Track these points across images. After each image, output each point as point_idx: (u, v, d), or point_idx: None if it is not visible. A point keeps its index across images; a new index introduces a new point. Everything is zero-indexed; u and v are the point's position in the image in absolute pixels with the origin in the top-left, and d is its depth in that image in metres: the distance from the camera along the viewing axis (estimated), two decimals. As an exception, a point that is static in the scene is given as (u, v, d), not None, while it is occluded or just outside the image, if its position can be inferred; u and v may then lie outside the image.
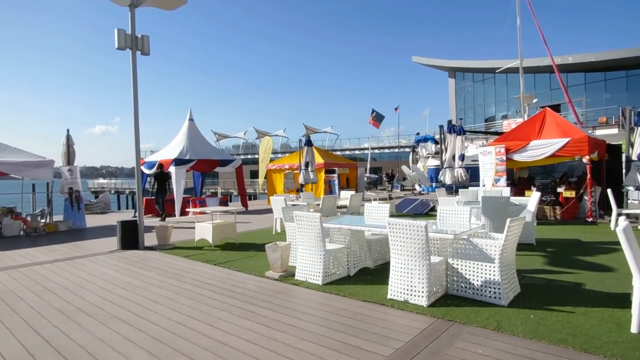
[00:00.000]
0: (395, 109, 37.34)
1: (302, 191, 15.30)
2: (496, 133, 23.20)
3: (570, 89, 27.00)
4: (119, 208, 37.96)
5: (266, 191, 29.32)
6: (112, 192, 42.39)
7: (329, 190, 18.78)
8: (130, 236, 7.91)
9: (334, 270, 5.43)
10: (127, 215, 15.68)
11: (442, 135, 19.76)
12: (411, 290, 4.38)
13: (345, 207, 11.12)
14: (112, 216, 15.64)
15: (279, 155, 48.15)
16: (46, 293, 5.06)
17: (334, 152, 32.59)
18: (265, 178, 21.66)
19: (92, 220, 13.03)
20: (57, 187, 12.12)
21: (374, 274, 5.67)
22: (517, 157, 11.23)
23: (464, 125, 20.68)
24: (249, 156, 50.49)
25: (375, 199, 13.53)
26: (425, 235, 4.23)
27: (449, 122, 19.24)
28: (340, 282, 5.26)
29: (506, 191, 10.10)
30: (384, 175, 22.08)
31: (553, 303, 4.28)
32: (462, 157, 15.11)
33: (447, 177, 15.42)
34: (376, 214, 6.64)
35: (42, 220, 11.30)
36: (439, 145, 22.84)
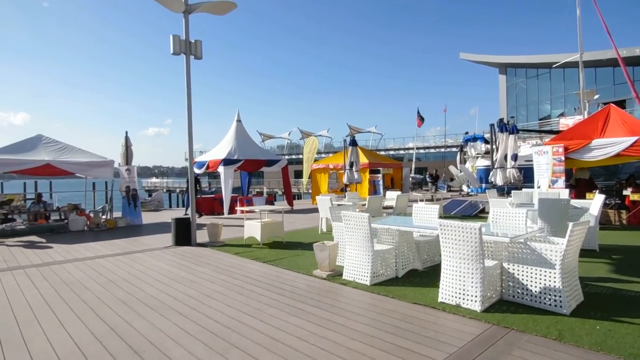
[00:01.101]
0: (444, 109, 36.30)
1: (346, 191, 15.29)
2: (552, 132, 21.95)
3: (637, 84, 24.99)
4: (170, 206, 39.81)
5: (310, 191, 29.61)
6: (164, 190, 44.53)
7: (374, 190, 18.62)
8: (183, 233, 8.27)
9: (382, 271, 5.37)
10: (179, 213, 16.43)
11: (493, 135, 18.98)
12: (464, 295, 4.24)
13: (390, 207, 10.98)
14: (164, 214, 16.45)
15: (323, 155, 48.41)
16: (109, 284, 5.41)
17: (378, 152, 32.27)
18: (309, 178, 21.86)
19: (146, 217, 13.76)
20: (116, 186, 12.93)
21: (423, 276, 5.55)
22: (576, 157, 10.54)
23: (516, 123, 19.75)
24: (293, 156, 51.13)
25: (422, 200, 13.25)
26: (479, 238, 4.09)
27: (500, 120, 18.44)
28: (388, 283, 5.20)
29: (564, 193, 9.52)
30: (427, 176, 21.44)
31: (622, 314, 3.97)
32: (515, 157, 14.40)
33: (498, 178, 14.77)
34: (425, 215, 6.49)
35: (103, 217, 12.08)
36: (489, 145, 21.97)
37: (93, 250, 8.03)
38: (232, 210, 14.79)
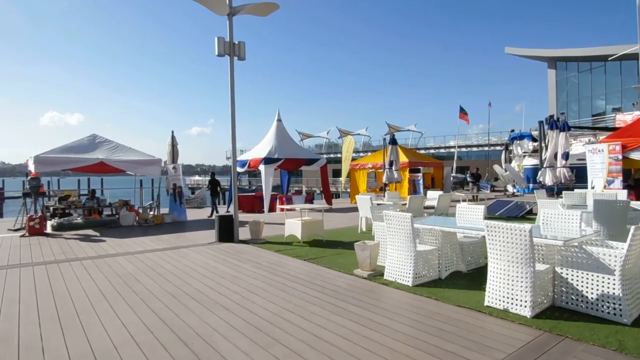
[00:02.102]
0: (488, 104, 34.79)
1: (385, 190, 15.12)
2: (607, 129, 20.62)
3: None
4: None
5: (348, 190, 29.53)
6: (205, 188, 46.00)
7: (413, 190, 18.29)
8: (226, 230, 8.51)
9: (424, 272, 5.27)
10: (220, 210, 16.89)
11: (542, 132, 18.11)
12: (512, 299, 4.08)
13: (432, 207, 10.74)
14: (207, 210, 16.97)
15: (361, 154, 48.14)
16: (159, 277, 5.66)
17: (417, 151, 31.66)
18: (347, 177, 21.81)
19: (190, 214, 14.27)
20: (162, 183, 13.50)
21: (467, 279, 5.39)
22: (636, 156, 9.84)
23: (567, 120, 18.69)
24: (332, 155, 51.20)
25: (464, 200, 12.87)
26: (529, 240, 3.91)
27: (550, 117, 17.56)
28: (431, 285, 5.09)
29: (622, 194, 8.91)
30: (468, 175, 20.51)
31: (691, 325, 3.67)
32: (566, 156, 13.68)
33: (547, 178, 14.07)
34: (469, 215, 6.31)
35: (151, 213, 12.65)
36: (537, 143, 20.96)
37: (142, 244, 8.43)
38: (272, 208, 15.04)
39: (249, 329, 3.74)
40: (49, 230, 10.55)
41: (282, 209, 14.50)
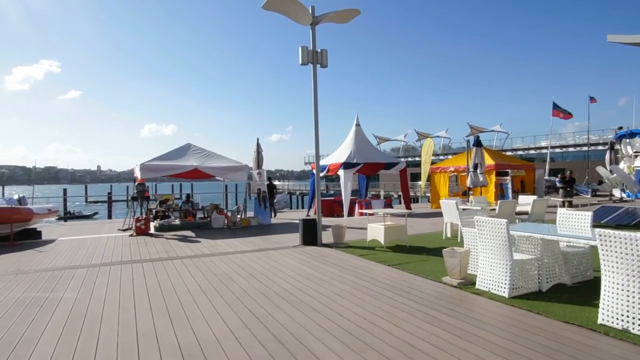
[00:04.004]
0: (591, 98, 30.75)
1: (469, 194, 14.35)
2: None
3: None
4: (291, 207, 42.46)
5: (427, 194, 28.54)
6: (286, 193, 47.63)
7: (501, 194, 17.12)
8: (310, 233, 8.72)
9: (522, 284, 4.89)
10: (300, 214, 17.38)
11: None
12: (634, 318, 3.61)
13: (524, 213, 9.96)
14: (288, 214, 17.58)
15: (441, 157, 46.36)
16: (250, 278, 5.97)
17: (504, 153, 29.61)
18: (427, 181, 21.11)
19: (273, 217, 14.85)
20: (244, 188, 14.25)
21: (573, 292, 4.90)
22: None
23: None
24: (409, 159, 50.06)
25: (562, 205, 11.73)
26: (655, 252, 3.43)
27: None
28: (530, 297, 4.71)
29: None
30: (557, 180, 17.88)
31: None
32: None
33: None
34: (572, 222, 5.73)
35: (239, 216, 13.42)
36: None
37: (233, 246, 8.97)
38: (351, 213, 15.10)
39: (339, 332, 3.78)
40: (152, 230, 11.70)
41: (361, 213, 14.49)
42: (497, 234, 4.86)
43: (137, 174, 11.97)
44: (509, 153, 40.45)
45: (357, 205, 15.47)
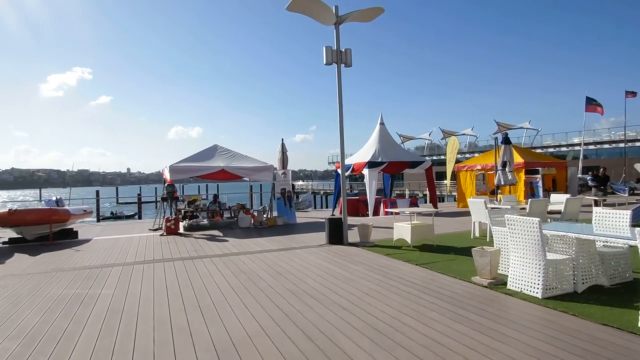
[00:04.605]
0: (629, 92, 28.89)
1: (497, 193, 14.02)
2: None
3: None
4: (315, 207, 42.61)
5: (453, 193, 28.03)
6: (310, 192, 47.83)
7: (531, 193, 16.64)
8: (336, 232, 8.74)
9: (556, 284, 4.76)
10: (325, 213, 17.43)
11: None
12: (677, 320, 3.46)
13: (557, 212, 9.65)
14: (313, 214, 17.66)
15: (467, 155, 45.49)
16: (278, 276, 6.05)
17: (533, 150, 28.76)
18: (453, 179, 20.76)
19: (298, 217, 14.96)
20: (268, 188, 14.41)
21: (611, 294, 4.73)
22: None
23: None
24: (434, 157, 49.30)
25: (596, 204, 11.32)
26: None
27: None
28: (565, 299, 4.58)
29: None
30: (589, 178, 16.87)
31: None
32: None
33: None
34: (609, 222, 5.52)
35: (265, 215, 13.59)
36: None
37: (260, 244, 9.10)
38: (376, 212, 15.03)
39: (369, 330, 3.79)
40: (181, 230, 11.99)
41: (386, 212, 14.40)
42: (529, 233, 4.75)
43: (167, 175, 12.31)
44: (539, 150, 39.26)
45: (382, 204, 15.38)
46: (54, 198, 13.54)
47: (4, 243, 10.08)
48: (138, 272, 6.51)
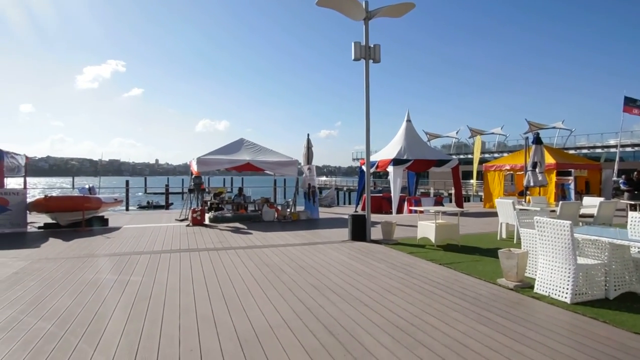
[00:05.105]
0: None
1: (526, 194, 13.64)
2: None
3: None
4: (338, 203, 42.58)
5: (479, 193, 27.42)
6: (333, 189, 47.80)
7: (562, 195, 16.10)
8: (359, 229, 8.72)
9: (586, 290, 4.61)
10: (347, 210, 17.42)
11: None
12: None
13: (589, 216, 9.32)
14: (335, 210, 17.67)
15: (495, 154, 44.39)
16: (300, 270, 6.10)
17: (566, 151, 27.77)
18: (479, 179, 20.33)
19: (321, 212, 15.00)
20: (292, 183, 14.50)
21: (645, 302, 4.54)
22: None
23: None
24: (461, 156, 48.33)
25: (633, 209, 10.84)
26: None
27: None
28: (595, 305, 4.43)
29: None
30: (621, 181, 15.91)
31: None
32: None
33: None
34: (646, 227, 5.28)
35: (288, 210, 13.69)
36: None
37: (283, 238, 9.19)
38: (399, 210, 14.89)
39: (390, 327, 3.78)
40: (206, 221, 12.25)
41: (410, 211, 14.26)
42: (560, 236, 4.61)
43: (194, 167, 12.57)
44: (572, 151, 37.85)
45: (406, 202, 15.23)
46: (87, 186, 14.07)
47: (39, 228, 10.58)
48: (165, 261, 6.70)
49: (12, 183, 13.09)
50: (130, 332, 3.65)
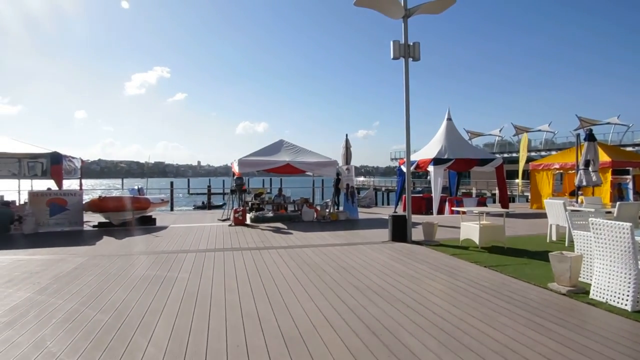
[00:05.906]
0: None
1: (577, 195, 12.90)
2: None
3: None
4: (376, 204, 42.17)
5: (525, 193, 26.25)
6: (371, 189, 47.41)
7: (619, 195, 15.10)
8: (399, 229, 8.61)
9: (649, 296, 4.29)
10: (386, 210, 17.22)
11: None
12: None
13: (650, 217, 8.67)
14: (374, 210, 17.53)
15: (542, 153, 42.33)
16: (341, 270, 6.11)
17: (623, 148, 26.02)
18: (526, 179, 19.43)
19: (360, 213, 14.92)
20: (331, 183, 14.49)
21: None
22: None
23: None
24: (505, 155, 46.46)
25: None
26: None
27: None
28: (660, 313, 4.12)
29: None
30: None
31: None
32: None
33: None
34: None
35: (327, 210, 13.74)
36: None
37: (323, 238, 9.24)
38: (440, 211, 14.55)
39: (435, 330, 3.71)
40: (248, 221, 12.53)
41: (452, 211, 13.89)
42: (619, 239, 4.33)
43: (235, 168, 12.90)
44: (629, 148, 35.36)
45: (447, 203, 14.85)
46: (136, 187, 14.81)
47: (94, 227, 11.25)
48: (210, 259, 6.92)
49: (73, 184, 13.97)
50: (180, 327, 3.81)
